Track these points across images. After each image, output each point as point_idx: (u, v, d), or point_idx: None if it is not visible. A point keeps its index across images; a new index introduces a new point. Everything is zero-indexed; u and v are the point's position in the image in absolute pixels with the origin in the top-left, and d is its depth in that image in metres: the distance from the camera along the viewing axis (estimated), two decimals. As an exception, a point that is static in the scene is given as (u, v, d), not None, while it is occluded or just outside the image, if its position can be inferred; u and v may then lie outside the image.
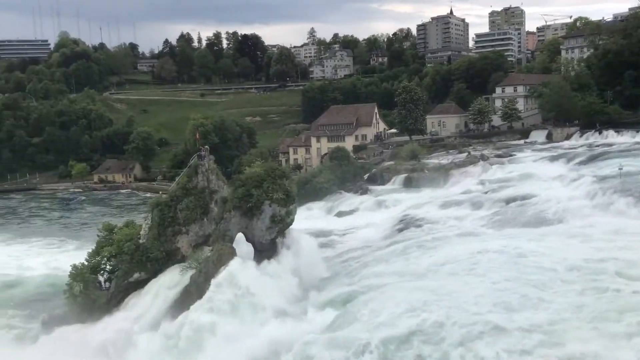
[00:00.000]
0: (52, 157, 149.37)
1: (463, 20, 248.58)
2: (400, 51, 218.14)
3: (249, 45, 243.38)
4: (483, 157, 74.42)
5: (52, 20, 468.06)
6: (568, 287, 26.85)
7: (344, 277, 37.68)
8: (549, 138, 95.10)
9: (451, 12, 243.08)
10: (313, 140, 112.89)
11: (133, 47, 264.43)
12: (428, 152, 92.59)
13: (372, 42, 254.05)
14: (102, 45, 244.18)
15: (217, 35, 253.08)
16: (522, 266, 30.28)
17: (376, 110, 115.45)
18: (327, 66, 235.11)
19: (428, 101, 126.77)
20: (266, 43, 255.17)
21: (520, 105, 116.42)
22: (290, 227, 39.84)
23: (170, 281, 36.95)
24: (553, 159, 69.79)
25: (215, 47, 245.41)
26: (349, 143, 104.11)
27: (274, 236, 38.51)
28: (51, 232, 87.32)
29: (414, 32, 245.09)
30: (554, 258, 30.67)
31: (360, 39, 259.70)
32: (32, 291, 56.29)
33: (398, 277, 32.93)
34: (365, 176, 79.96)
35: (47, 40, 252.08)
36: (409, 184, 71.02)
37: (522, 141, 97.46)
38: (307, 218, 58.24)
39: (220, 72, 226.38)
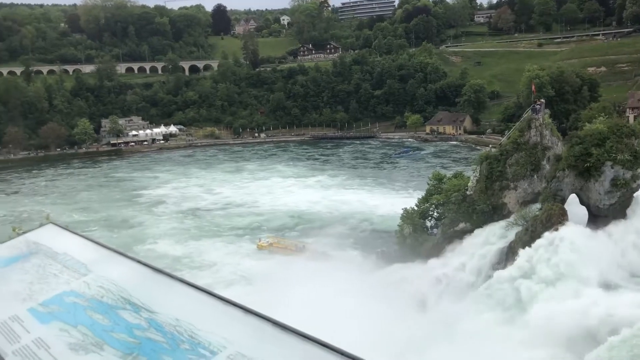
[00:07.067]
0: (390, 108, 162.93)
1: None
2: None
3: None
4: None
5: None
6: None
7: None
8: None
9: None
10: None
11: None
12: None
13: None
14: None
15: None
16: None
17: None
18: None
19: None
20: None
21: None
22: (637, 193, 35.11)
23: (495, 236, 36.92)
24: None
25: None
26: None
27: (614, 201, 34.58)
28: (390, 177, 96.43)
29: None
30: None
31: None
32: (369, 228, 63.65)
33: None
34: None
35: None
36: None
37: None
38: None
39: (563, 18, 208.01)
